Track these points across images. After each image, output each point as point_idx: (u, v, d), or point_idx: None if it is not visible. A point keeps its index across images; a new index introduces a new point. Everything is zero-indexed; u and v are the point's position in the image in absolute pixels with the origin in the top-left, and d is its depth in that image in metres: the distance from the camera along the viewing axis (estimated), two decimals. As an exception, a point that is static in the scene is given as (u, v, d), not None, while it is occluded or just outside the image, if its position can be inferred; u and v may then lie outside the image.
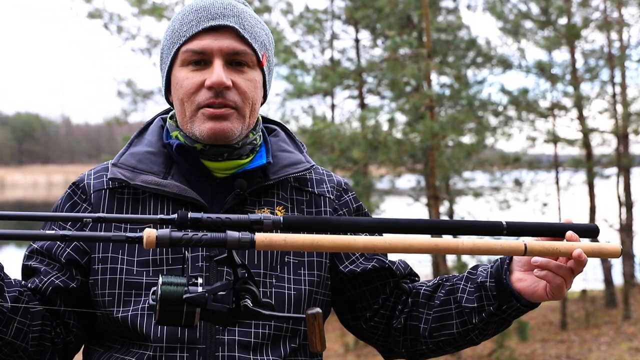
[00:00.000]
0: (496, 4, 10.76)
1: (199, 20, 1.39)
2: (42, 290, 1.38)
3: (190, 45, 1.38)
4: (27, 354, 1.33)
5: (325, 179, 1.55)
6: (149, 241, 1.07)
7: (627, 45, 11.58)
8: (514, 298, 1.33)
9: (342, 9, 10.71)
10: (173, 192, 1.39)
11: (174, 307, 1.08)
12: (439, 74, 9.89)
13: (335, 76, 8.89)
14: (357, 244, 1.15)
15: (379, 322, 1.52)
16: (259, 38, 1.43)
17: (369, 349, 8.92)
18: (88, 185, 1.45)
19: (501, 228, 1.23)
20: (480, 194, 10.42)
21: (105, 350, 1.40)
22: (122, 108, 11.20)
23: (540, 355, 8.45)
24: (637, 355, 8.16)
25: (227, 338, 1.34)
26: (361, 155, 7.64)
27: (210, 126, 1.38)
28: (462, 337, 1.43)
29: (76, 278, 1.40)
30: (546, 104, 10.73)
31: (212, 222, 1.12)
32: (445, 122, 8.04)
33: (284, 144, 1.53)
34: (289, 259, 1.42)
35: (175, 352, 1.32)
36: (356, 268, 1.49)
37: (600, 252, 1.26)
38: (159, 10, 9.96)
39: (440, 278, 1.51)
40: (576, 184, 11.25)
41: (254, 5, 10.29)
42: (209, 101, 1.37)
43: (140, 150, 1.45)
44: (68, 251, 1.40)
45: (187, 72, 1.39)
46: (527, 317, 9.51)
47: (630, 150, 11.23)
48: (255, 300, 1.12)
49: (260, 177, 1.45)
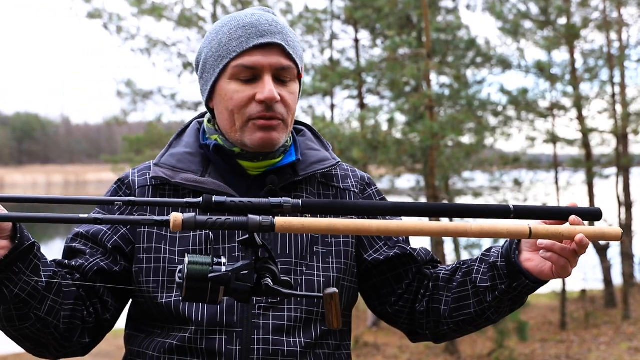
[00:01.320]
0: (496, 4, 10.77)
1: (249, 37, 1.48)
2: (87, 269, 1.47)
3: (241, 60, 1.48)
4: (58, 330, 1.40)
5: (350, 175, 1.66)
6: (176, 224, 1.14)
7: (627, 45, 11.60)
8: (523, 276, 1.41)
9: (342, 9, 10.72)
10: (210, 188, 1.49)
11: (199, 285, 1.15)
12: (439, 74, 9.90)
13: (334, 76, 8.90)
14: (371, 227, 1.21)
15: (404, 307, 1.60)
16: (298, 52, 1.54)
17: (369, 349, 8.93)
18: (133, 181, 1.56)
19: (509, 211, 1.30)
20: (479, 194, 10.43)
21: (146, 335, 1.50)
22: (121, 108, 11.24)
23: (539, 355, 8.46)
24: (636, 355, 8.17)
25: (262, 322, 1.44)
26: (361, 155, 7.65)
27: (260, 136, 1.48)
28: (479, 316, 1.51)
29: (120, 263, 1.50)
30: (546, 104, 10.75)
31: (234, 205, 1.19)
32: (444, 122, 8.05)
33: (311, 143, 1.64)
34: (318, 249, 1.52)
35: (215, 334, 1.43)
36: (379, 256, 1.59)
37: (602, 236, 1.31)
38: (159, 10, 9.97)
39: (458, 262, 1.59)
40: (576, 184, 11.27)
41: (253, 5, 10.30)
42: (260, 114, 1.48)
43: (179, 151, 1.57)
44: (115, 238, 1.50)
45: (237, 86, 1.49)
46: (526, 317, 9.51)
47: (629, 150, 11.24)
48: (275, 279, 1.19)
49: (290, 173, 1.56)
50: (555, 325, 10.13)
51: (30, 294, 1.31)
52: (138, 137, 10.51)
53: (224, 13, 10.62)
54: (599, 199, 10.87)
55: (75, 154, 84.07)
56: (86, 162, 78.31)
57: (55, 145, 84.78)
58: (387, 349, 8.90)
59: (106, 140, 78.53)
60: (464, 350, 8.62)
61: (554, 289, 10.68)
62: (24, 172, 67.55)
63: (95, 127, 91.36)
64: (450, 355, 8.31)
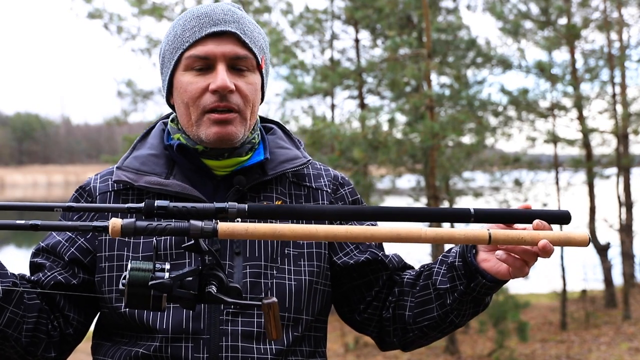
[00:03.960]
0: (496, 4, 10.76)
1: (202, 26, 1.43)
2: (44, 284, 1.43)
3: (194, 50, 1.43)
4: (19, 343, 1.36)
5: (323, 174, 1.60)
6: (114, 230, 1.12)
7: (627, 46, 11.59)
8: (479, 275, 1.36)
9: (342, 9, 10.71)
10: (175, 190, 1.44)
11: (141, 291, 1.12)
12: (439, 74, 9.89)
13: (335, 76, 8.89)
14: (318, 233, 1.15)
15: (373, 314, 1.56)
16: (257, 42, 1.48)
17: (369, 349, 8.92)
18: (94, 188, 1.51)
19: (469, 215, 1.24)
20: (480, 194, 10.42)
21: (113, 344, 1.45)
22: (122, 108, 11.21)
23: (540, 356, 8.45)
24: (637, 355, 8.17)
25: (231, 328, 1.39)
26: (361, 155, 7.64)
27: (216, 130, 1.43)
28: (443, 320, 1.46)
29: (78, 276, 1.45)
30: (546, 104, 10.74)
31: (177, 210, 1.16)
32: (445, 122, 8.04)
33: (280, 141, 1.58)
34: (289, 251, 1.47)
35: (181, 342, 1.38)
36: (350, 260, 1.53)
37: (568, 241, 1.21)
38: (159, 11, 9.96)
39: (422, 265, 1.54)
40: (576, 184, 11.25)
41: (254, 6, 10.30)
42: (214, 105, 1.42)
43: (143, 153, 1.51)
44: (72, 250, 1.46)
45: (191, 77, 1.44)
46: (527, 318, 9.51)
47: (630, 150, 11.23)
48: (221, 286, 1.16)
49: (259, 173, 1.50)
50: (556, 326, 10.12)
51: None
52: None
53: (224, 13, 10.62)
54: (599, 199, 10.87)
55: (76, 154, 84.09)
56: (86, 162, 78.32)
57: (56, 145, 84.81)
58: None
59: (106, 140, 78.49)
60: (464, 350, 8.61)
61: (554, 289, 10.68)
62: (24, 172, 67.54)
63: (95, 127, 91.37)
64: (450, 355, 8.30)
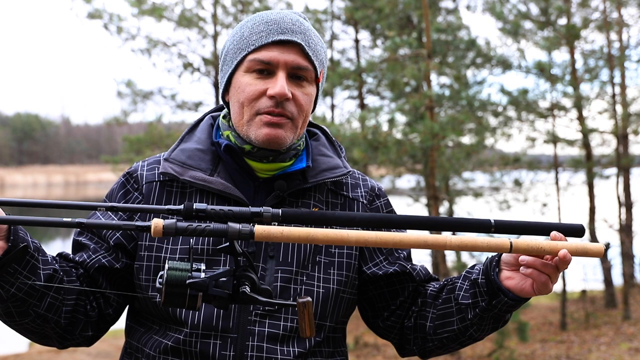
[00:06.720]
0: (496, 5, 10.77)
1: (269, 33, 1.48)
2: (89, 266, 1.49)
3: (258, 54, 1.47)
4: (59, 325, 1.42)
5: (361, 184, 1.65)
6: (157, 230, 1.17)
7: (627, 46, 11.60)
8: (502, 293, 1.40)
9: (342, 9, 10.73)
10: (218, 189, 1.48)
11: (178, 290, 1.17)
12: (439, 74, 9.90)
13: (335, 76, 8.90)
14: (350, 238, 1.21)
15: (395, 322, 1.61)
16: (319, 56, 1.53)
17: (369, 349, 8.93)
18: (141, 176, 1.56)
19: (489, 226, 1.29)
20: (480, 194, 10.43)
21: (145, 330, 1.52)
22: (122, 108, 11.24)
23: (540, 356, 8.45)
24: (636, 355, 8.17)
25: (258, 329, 1.44)
26: (361, 155, 7.65)
27: (266, 132, 1.47)
28: (462, 333, 1.51)
29: (121, 260, 1.51)
30: (546, 105, 10.76)
31: (215, 213, 1.21)
32: (445, 122, 8.04)
33: (323, 149, 1.62)
34: (320, 259, 1.52)
35: (210, 338, 1.43)
36: (379, 270, 1.58)
37: (585, 252, 1.28)
38: (159, 11, 9.97)
39: (447, 279, 1.59)
40: (576, 184, 11.26)
41: (253, 6, 10.31)
42: (269, 109, 1.46)
43: (190, 147, 1.56)
44: (117, 235, 1.51)
45: (251, 79, 1.48)
46: (527, 318, 9.52)
47: (629, 150, 11.24)
48: (254, 287, 1.21)
49: (300, 179, 1.54)
50: (556, 326, 10.12)
51: (27, 293, 1.33)
52: (138, 137, 10.50)
53: (224, 13, 10.64)
54: (599, 200, 10.87)
55: (76, 154, 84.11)
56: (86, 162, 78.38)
57: (56, 145, 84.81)
58: (387, 349, 8.89)
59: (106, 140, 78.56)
60: (464, 350, 8.62)
61: (554, 289, 10.67)
62: (24, 172, 67.52)
63: (95, 127, 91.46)
64: (450, 356, 8.30)
